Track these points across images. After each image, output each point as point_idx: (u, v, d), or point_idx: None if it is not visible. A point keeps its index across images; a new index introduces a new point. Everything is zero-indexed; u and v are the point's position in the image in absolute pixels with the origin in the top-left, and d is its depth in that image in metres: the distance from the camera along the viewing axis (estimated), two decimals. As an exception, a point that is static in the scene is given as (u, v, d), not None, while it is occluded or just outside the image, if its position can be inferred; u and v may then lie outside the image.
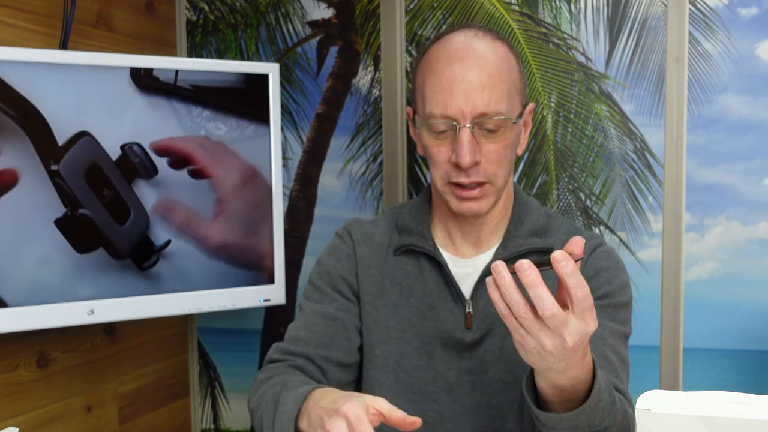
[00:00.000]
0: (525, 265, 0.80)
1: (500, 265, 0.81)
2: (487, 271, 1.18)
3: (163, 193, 1.51)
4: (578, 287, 0.80)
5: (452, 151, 1.12)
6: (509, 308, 0.83)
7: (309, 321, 1.22)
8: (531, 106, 1.23)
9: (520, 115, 1.17)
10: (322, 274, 1.26)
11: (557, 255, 0.80)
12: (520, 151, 1.22)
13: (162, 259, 1.51)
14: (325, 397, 0.97)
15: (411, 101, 1.24)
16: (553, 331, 0.81)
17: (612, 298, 1.17)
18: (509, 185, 1.24)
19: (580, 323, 0.82)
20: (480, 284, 1.18)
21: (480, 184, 1.14)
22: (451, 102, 1.11)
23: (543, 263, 0.82)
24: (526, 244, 1.20)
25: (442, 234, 1.24)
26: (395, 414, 0.90)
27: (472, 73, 1.11)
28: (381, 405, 0.90)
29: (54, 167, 1.38)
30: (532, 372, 0.95)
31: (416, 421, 0.90)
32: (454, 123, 1.11)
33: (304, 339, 1.20)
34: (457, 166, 1.12)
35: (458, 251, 1.22)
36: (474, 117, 1.11)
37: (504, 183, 1.17)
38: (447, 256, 1.21)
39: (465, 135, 1.10)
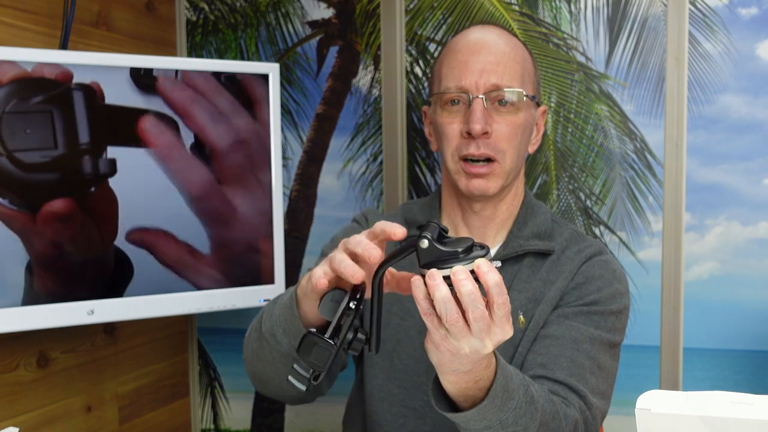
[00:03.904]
0: (461, 273, 0.81)
1: (436, 273, 0.82)
2: None
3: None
4: (499, 294, 0.81)
5: (464, 123, 1.16)
6: (434, 310, 0.84)
7: None
8: (544, 108, 1.27)
9: (533, 98, 1.21)
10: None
11: (482, 264, 0.81)
12: (531, 150, 1.25)
13: (162, 260, 1.51)
14: None
15: (427, 100, 1.27)
16: (476, 336, 0.82)
17: (600, 305, 1.17)
18: (519, 183, 1.25)
19: (500, 330, 0.83)
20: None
21: (488, 162, 1.16)
22: (466, 75, 1.16)
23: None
24: (527, 246, 1.21)
25: (449, 231, 1.25)
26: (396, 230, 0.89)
27: (488, 51, 1.17)
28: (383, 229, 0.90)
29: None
30: (437, 376, 0.95)
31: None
32: (468, 95, 1.15)
33: None
34: (468, 136, 1.15)
35: None
36: (487, 88, 1.15)
37: (513, 167, 1.19)
38: None
39: (477, 104, 1.15)
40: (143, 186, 1.48)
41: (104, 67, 1.43)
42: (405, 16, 1.78)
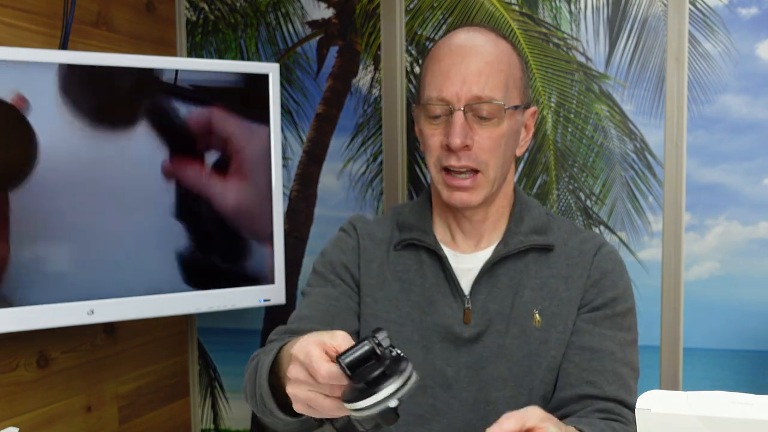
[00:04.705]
0: None
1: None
2: (486, 268, 1.19)
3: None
4: None
5: (445, 135, 1.14)
6: None
7: (314, 301, 1.23)
8: (533, 109, 1.24)
9: (517, 107, 1.18)
10: (325, 264, 1.27)
11: None
12: (519, 152, 1.23)
13: (162, 259, 1.52)
14: (294, 343, 0.94)
15: (415, 103, 1.26)
16: None
17: (618, 305, 1.19)
18: (508, 184, 1.24)
19: None
20: (479, 280, 1.19)
21: (471, 173, 1.15)
22: (448, 85, 1.13)
23: None
24: (527, 241, 1.20)
25: (442, 230, 1.25)
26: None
27: (471, 60, 1.14)
28: (338, 342, 0.85)
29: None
30: None
31: None
32: (449, 106, 1.13)
33: (308, 316, 1.20)
34: (449, 149, 1.14)
35: (458, 247, 1.23)
36: (468, 100, 1.13)
37: (497, 176, 1.17)
38: (447, 251, 1.22)
39: (458, 117, 1.13)
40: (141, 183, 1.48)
41: (104, 67, 1.43)
42: (405, 16, 1.78)
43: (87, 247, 1.44)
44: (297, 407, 0.89)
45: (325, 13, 1.85)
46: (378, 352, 0.78)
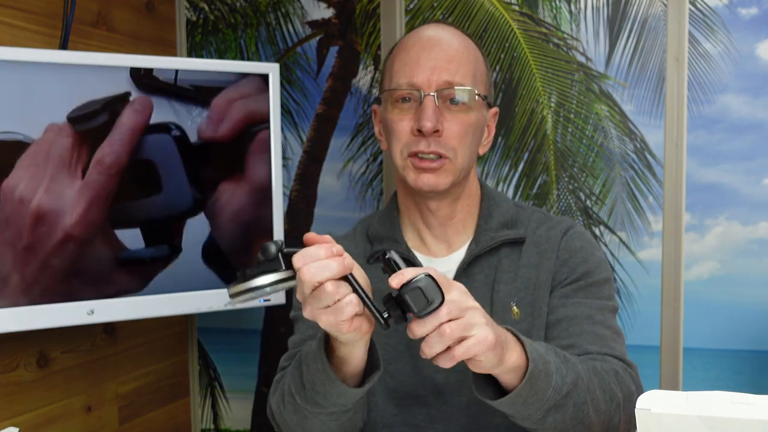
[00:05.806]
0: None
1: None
2: (462, 269, 1.19)
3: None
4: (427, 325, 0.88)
5: (415, 120, 1.14)
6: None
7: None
8: (495, 110, 1.25)
9: (485, 98, 1.20)
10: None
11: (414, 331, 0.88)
12: (482, 151, 1.23)
13: (162, 259, 1.52)
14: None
15: (377, 97, 1.25)
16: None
17: (592, 276, 1.19)
18: (472, 181, 1.24)
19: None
20: None
21: (439, 158, 1.15)
22: (418, 71, 1.15)
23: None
24: (498, 237, 1.20)
25: (413, 236, 1.24)
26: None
27: (440, 48, 1.16)
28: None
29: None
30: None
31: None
32: (420, 92, 1.14)
33: (313, 336, 1.17)
34: (419, 134, 1.14)
35: (431, 251, 1.23)
36: (439, 86, 1.14)
37: (464, 166, 1.17)
38: (421, 257, 1.22)
39: (429, 101, 1.13)
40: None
41: (104, 67, 1.43)
42: (405, 16, 1.78)
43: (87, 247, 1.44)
44: (324, 322, 0.91)
45: (325, 13, 1.85)
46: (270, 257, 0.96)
